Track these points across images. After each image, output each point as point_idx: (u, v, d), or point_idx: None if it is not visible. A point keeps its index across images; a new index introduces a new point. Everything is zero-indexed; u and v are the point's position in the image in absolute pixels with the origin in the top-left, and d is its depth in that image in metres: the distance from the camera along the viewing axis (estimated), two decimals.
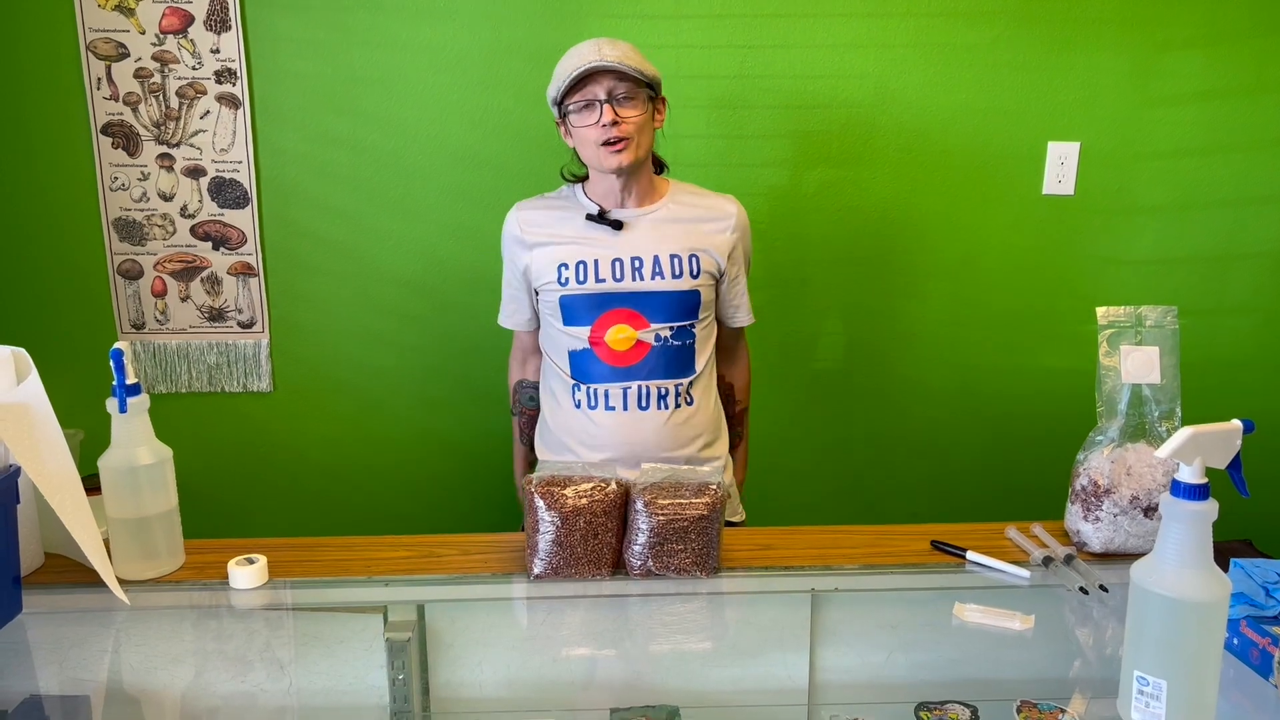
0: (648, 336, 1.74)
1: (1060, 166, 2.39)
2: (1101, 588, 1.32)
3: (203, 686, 1.25)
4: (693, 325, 1.77)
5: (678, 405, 1.77)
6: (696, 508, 1.33)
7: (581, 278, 1.73)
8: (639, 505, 1.34)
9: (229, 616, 1.35)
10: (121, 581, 1.33)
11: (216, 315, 2.40)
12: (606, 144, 1.65)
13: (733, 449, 1.97)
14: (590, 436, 1.77)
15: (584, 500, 1.33)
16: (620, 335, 1.73)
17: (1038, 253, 2.45)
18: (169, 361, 2.42)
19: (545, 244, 1.76)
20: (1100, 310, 1.42)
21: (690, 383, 1.78)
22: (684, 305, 1.75)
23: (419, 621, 1.35)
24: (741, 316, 1.90)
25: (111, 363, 1.30)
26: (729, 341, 1.94)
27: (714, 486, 1.36)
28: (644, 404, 1.75)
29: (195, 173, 2.32)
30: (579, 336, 1.75)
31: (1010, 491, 2.61)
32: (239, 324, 2.41)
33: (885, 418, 2.57)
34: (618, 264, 1.73)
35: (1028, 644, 1.34)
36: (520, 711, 1.26)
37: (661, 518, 1.33)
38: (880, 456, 2.60)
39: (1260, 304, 2.49)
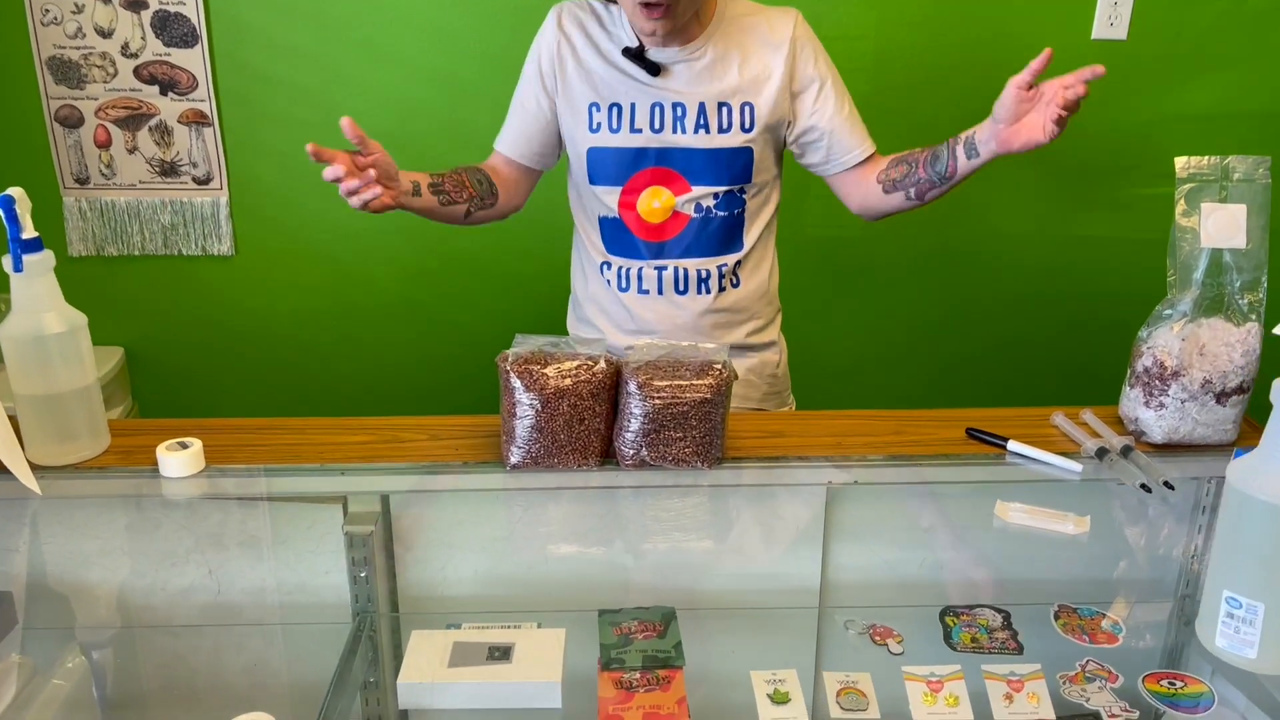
0: (687, 206, 1.47)
1: (1113, 7, 2.14)
2: (1166, 484, 1.14)
3: (128, 587, 1.14)
4: (743, 191, 1.49)
5: (721, 289, 1.52)
6: (698, 390, 1.14)
7: (615, 124, 1.45)
8: (632, 387, 1.15)
9: (159, 508, 1.20)
10: (34, 467, 1.16)
11: (169, 170, 2.19)
12: (645, 5, 1.34)
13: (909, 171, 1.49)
14: (624, 320, 1.55)
15: (568, 381, 1.14)
16: (654, 204, 1.47)
17: (1084, 105, 2.20)
18: (118, 221, 2.22)
19: (581, 69, 1.46)
20: (1179, 161, 1.21)
21: (737, 262, 1.52)
22: (734, 166, 1.46)
23: (383, 514, 1.20)
24: (865, 144, 1.51)
25: (1, 212, 1.08)
26: (865, 181, 1.52)
27: (719, 366, 1.17)
28: (682, 288, 1.51)
29: (135, 5, 2.06)
30: (608, 201, 1.49)
31: (1048, 376, 2.44)
32: (194, 179, 2.21)
33: (914, 292, 2.38)
34: (657, 110, 1.44)
35: (1070, 543, 1.20)
36: (498, 612, 1.14)
37: (658, 402, 1.14)
38: (908, 337, 2.42)
39: None
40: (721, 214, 1.48)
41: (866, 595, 1.24)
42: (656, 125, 1.44)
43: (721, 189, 1.46)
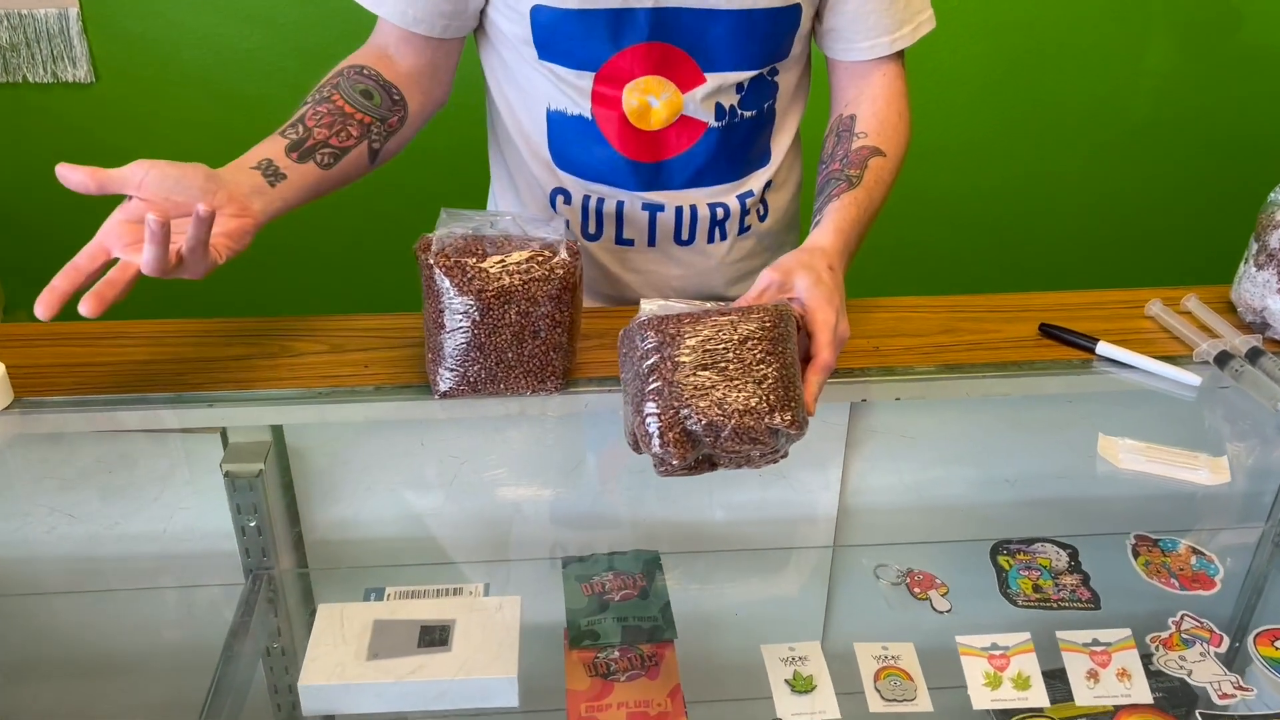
0: (703, 107, 1.00)
1: None
2: None
3: None
4: (774, 74, 1.03)
5: (743, 229, 1.09)
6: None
7: None
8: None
9: None
10: None
11: None
12: None
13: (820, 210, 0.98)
14: (592, 282, 1.12)
15: (515, 278, 0.82)
16: (652, 100, 0.99)
17: None
18: None
19: None
20: None
21: (766, 183, 1.09)
22: (773, 35, 0.99)
23: (275, 445, 0.95)
24: (893, 33, 1.02)
25: None
26: (861, 83, 1.05)
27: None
28: (686, 236, 1.08)
29: None
30: (571, 91, 1.01)
31: (1130, 250, 2.17)
32: None
33: (958, 150, 2.08)
34: None
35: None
36: (431, 566, 0.99)
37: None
38: (944, 211, 2.11)
39: None
40: (748, 114, 1.03)
41: (895, 528, 1.03)
42: None
43: (749, 74, 1.00)
